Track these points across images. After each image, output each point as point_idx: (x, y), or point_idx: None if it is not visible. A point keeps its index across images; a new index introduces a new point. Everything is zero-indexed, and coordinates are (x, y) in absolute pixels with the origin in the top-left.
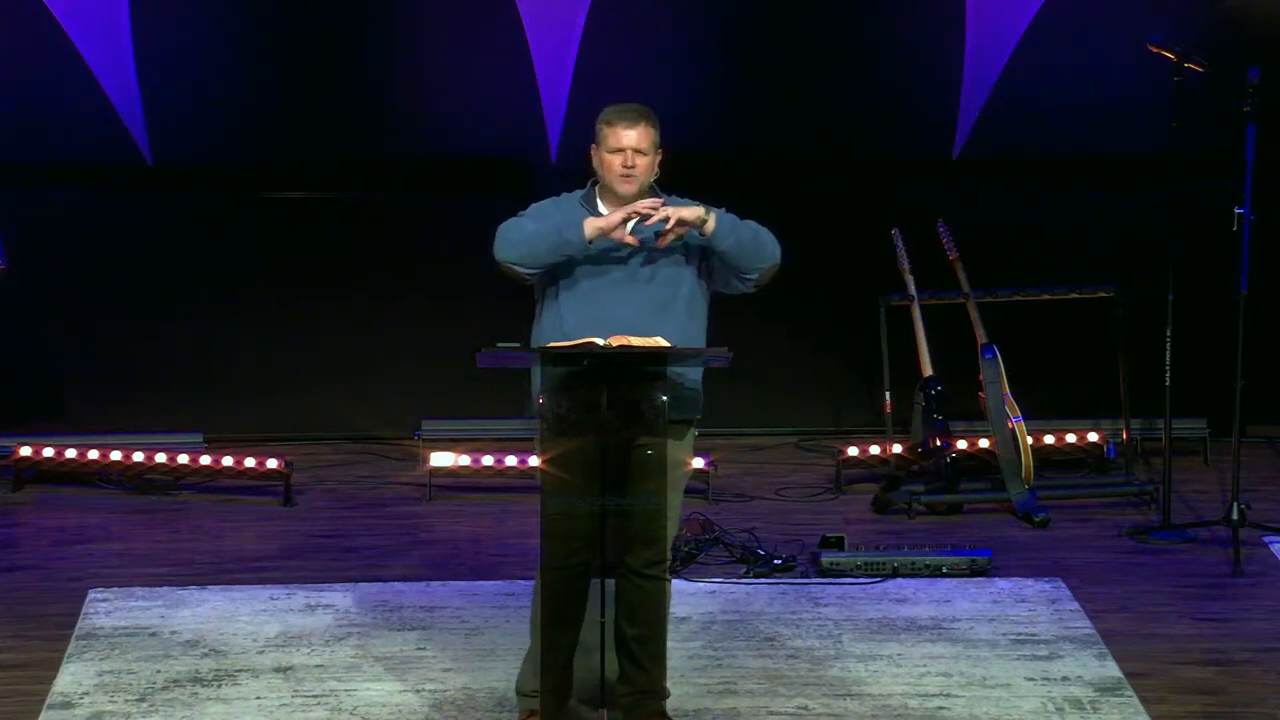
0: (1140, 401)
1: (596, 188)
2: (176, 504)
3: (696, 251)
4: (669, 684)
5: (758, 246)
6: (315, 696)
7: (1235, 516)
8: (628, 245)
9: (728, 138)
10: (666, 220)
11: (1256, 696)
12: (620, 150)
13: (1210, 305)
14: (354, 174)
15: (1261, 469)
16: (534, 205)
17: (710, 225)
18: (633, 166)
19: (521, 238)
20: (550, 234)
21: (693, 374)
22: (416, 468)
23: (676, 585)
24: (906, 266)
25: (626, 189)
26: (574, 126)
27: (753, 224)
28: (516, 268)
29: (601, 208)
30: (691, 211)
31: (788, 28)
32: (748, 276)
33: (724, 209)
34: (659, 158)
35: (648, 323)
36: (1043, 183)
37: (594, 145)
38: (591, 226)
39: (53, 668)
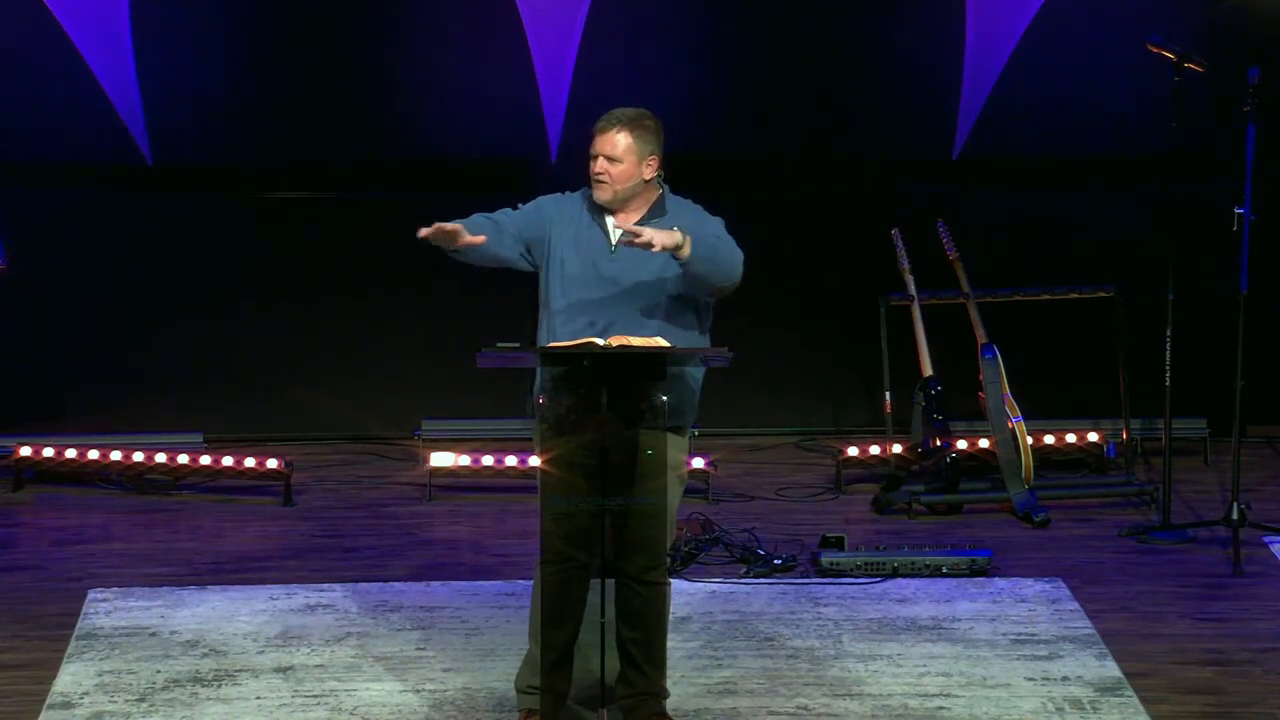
0: (1140, 401)
1: None
2: (176, 504)
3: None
4: (669, 684)
5: (718, 269)
6: (315, 696)
7: (1235, 516)
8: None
9: (728, 138)
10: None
11: (1256, 696)
12: (594, 157)
13: (1210, 305)
14: (354, 174)
15: (1261, 469)
16: (535, 200)
17: (685, 251)
18: (601, 174)
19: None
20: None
21: (695, 372)
22: (416, 468)
23: (676, 585)
24: (906, 266)
25: (597, 195)
26: (574, 126)
27: (725, 246)
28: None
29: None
30: (670, 237)
31: (788, 28)
32: (713, 290)
33: (721, 219)
34: (652, 164)
35: (631, 330)
36: (1043, 183)
37: None
38: None
39: (53, 668)
